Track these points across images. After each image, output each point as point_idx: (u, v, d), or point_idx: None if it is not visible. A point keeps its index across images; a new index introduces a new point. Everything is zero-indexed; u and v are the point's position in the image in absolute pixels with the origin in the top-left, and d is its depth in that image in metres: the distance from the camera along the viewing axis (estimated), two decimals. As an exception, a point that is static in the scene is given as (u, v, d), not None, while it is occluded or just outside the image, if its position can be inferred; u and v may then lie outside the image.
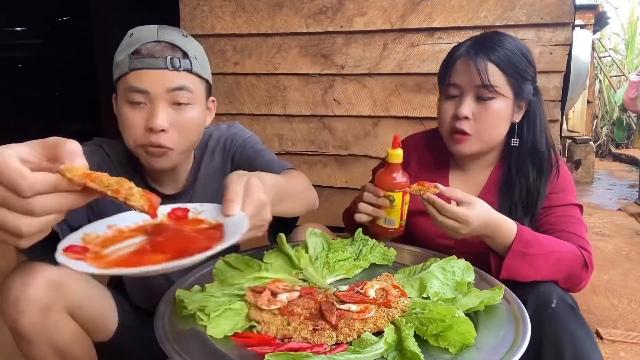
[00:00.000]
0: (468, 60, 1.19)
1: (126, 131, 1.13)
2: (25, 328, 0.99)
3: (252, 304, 0.87)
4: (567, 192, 1.24)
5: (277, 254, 1.13)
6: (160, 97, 1.10)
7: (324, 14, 2.14)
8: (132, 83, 1.10)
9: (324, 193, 2.33)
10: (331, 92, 2.21)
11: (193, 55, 1.16)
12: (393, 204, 1.13)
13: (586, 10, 5.19)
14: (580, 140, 6.11)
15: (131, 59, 1.10)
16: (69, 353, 1.07)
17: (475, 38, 1.24)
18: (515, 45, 1.21)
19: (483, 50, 1.18)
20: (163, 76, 1.10)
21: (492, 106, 1.19)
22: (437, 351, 0.76)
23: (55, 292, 1.02)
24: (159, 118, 1.09)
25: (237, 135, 1.37)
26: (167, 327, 0.82)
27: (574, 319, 1.00)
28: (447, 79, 1.23)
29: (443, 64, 1.29)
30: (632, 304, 2.39)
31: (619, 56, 8.34)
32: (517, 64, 1.19)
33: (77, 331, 1.09)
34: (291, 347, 0.75)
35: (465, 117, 1.19)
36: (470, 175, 1.34)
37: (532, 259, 1.07)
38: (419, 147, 1.40)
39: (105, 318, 1.18)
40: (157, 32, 1.14)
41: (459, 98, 1.22)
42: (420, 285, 0.96)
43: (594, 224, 4.04)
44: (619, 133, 8.17)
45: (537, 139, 1.25)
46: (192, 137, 1.19)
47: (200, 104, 1.18)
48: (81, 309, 1.08)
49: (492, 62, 1.17)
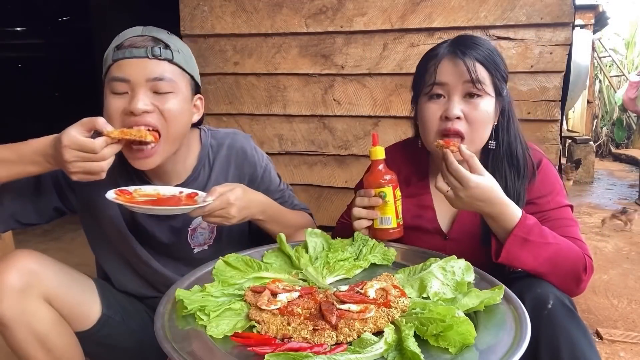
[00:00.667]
0: (455, 59, 1.17)
1: (109, 119, 1.14)
2: (4, 313, 1.05)
3: (252, 304, 0.87)
4: (556, 193, 1.22)
5: (277, 254, 1.13)
6: (140, 85, 1.14)
7: (324, 14, 2.14)
8: (114, 73, 1.15)
9: (324, 193, 2.33)
10: (331, 92, 2.21)
11: (176, 49, 1.19)
12: (385, 199, 1.15)
13: (586, 10, 5.20)
14: (580, 140, 6.11)
15: (115, 51, 1.16)
16: (48, 339, 1.12)
17: (453, 40, 1.22)
18: (492, 46, 1.21)
19: (467, 48, 1.17)
20: (143, 64, 1.14)
21: (480, 104, 1.17)
22: (437, 351, 0.76)
23: (30, 279, 1.09)
24: (139, 101, 1.12)
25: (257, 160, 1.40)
26: (167, 327, 0.82)
27: (571, 320, 0.99)
28: (432, 79, 1.19)
29: (422, 65, 1.25)
30: (632, 304, 2.39)
31: (619, 56, 8.33)
32: (498, 63, 1.19)
33: (55, 318, 1.14)
34: (291, 347, 0.75)
35: (457, 117, 1.17)
36: None
37: (532, 246, 1.06)
38: (396, 160, 1.34)
39: (84, 307, 1.22)
40: (142, 29, 1.19)
41: (444, 98, 1.19)
42: (420, 285, 0.96)
43: (594, 224, 4.04)
44: (619, 133, 8.17)
45: (512, 141, 1.24)
46: (178, 125, 1.19)
47: (182, 95, 1.20)
48: (58, 297, 1.14)
49: (478, 61, 1.16)
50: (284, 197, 1.46)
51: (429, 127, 1.20)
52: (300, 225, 1.37)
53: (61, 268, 1.19)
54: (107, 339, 1.27)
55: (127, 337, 1.31)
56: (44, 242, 3.39)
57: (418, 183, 1.34)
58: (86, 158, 1.03)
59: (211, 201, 1.12)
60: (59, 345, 1.13)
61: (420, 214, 1.30)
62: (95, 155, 1.03)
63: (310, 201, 2.31)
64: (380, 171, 1.17)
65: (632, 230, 3.75)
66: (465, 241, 1.26)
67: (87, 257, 2.80)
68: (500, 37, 1.97)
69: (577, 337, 0.97)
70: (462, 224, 1.27)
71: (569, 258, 1.09)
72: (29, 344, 1.09)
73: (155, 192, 1.21)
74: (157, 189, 1.22)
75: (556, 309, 1.00)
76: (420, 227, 1.28)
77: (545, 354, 0.97)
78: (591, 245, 3.55)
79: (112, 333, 1.27)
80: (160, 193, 1.21)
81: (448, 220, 1.29)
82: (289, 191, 1.51)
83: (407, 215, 1.24)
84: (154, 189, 1.22)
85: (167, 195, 1.21)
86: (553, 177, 1.25)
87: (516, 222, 1.07)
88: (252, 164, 1.39)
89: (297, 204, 1.50)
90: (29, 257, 1.11)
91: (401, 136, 2.13)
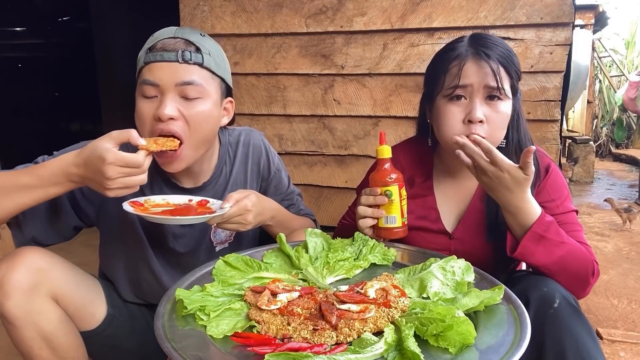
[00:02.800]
0: (480, 60, 1.15)
1: (138, 123, 1.17)
2: (11, 311, 1.04)
3: (252, 304, 0.87)
4: (564, 199, 1.23)
5: (277, 254, 1.13)
6: (169, 89, 1.14)
7: (324, 14, 2.14)
8: (145, 76, 1.15)
9: (324, 193, 2.33)
10: (331, 92, 2.21)
11: (207, 52, 1.18)
12: (391, 198, 1.14)
13: (586, 10, 5.19)
14: (580, 140, 6.11)
15: (147, 53, 1.15)
16: (54, 338, 1.11)
17: (472, 39, 1.20)
18: (508, 45, 1.21)
19: (489, 50, 1.16)
20: (173, 69, 1.14)
21: (501, 108, 1.16)
22: (437, 351, 0.76)
23: (39, 276, 1.07)
24: (166, 107, 1.12)
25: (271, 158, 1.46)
26: (167, 327, 0.82)
27: (577, 319, 0.99)
28: (456, 81, 1.16)
29: (439, 65, 1.23)
30: (632, 304, 2.39)
31: (619, 56, 8.34)
32: (515, 64, 1.19)
33: (62, 317, 1.13)
34: (291, 347, 0.75)
35: (480, 121, 1.15)
36: (461, 181, 1.31)
37: (548, 243, 1.07)
38: (400, 161, 1.33)
39: (91, 306, 1.22)
40: (175, 30, 1.18)
41: (465, 100, 1.17)
42: (420, 285, 0.96)
43: (594, 224, 4.04)
44: (619, 133, 8.17)
45: (521, 138, 1.24)
46: (202, 132, 1.19)
47: (211, 99, 1.19)
48: (66, 296, 1.13)
49: (501, 64, 1.15)
50: (292, 199, 1.49)
51: (449, 130, 1.18)
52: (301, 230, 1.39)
53: (68, 266, 1.18)
54: (111, 339, 1.26)
55: (130, 337, 1.30)
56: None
57: (422, 184, 1.33)
58: (130, 173, 1.00)
59: (229, 208, 1.14)
60: (64, 345, 1.12)
61: (424, 215, 1.30)
62: (138, 170, 1.01)
63: (310, 201, 2.31)
64: (386, 170, 1.17)
65: (632, 230, 3.75)
66: (470, 240, 1.26)
67: (87, 257, 2.80)
68: (500, 37, 1.96)
69: (583, 336, 0.97)
70: (467, 223, 1.27)
71: (580, 260, 1.09)
72: (34, 343, 1.08)
73: (164, 201, 1.20)
74: (166, 198, 1.21)
75: (562, 308, 1.00)
76: (425, 227, 1.29)
77: (550, 352, 0.97)
78: (591, 245, 3.54)
79: (116, 333, 1.27)
80: (170, 202, 1.20)
81: (453, 220, 1.30)
82: (297, 195, 1.53)
83: (411, 216, 1.24)
84: (162, 199, 1.21)
85: (178, 204, 1.19)
86: (561, 182, 1.26)
87: (535, 219, 1.08)
88: (267, 160, 1.44)
89: (303, 209, 1.52)
90: (37, 255, 1.09)
91: (401, 136, 2.13)
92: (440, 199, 1.31)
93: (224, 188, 1.36)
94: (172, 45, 1.14)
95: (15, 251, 1.09)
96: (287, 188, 1.49)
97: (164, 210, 1.15)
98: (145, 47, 1.17)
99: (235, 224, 1.19)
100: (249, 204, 1.18)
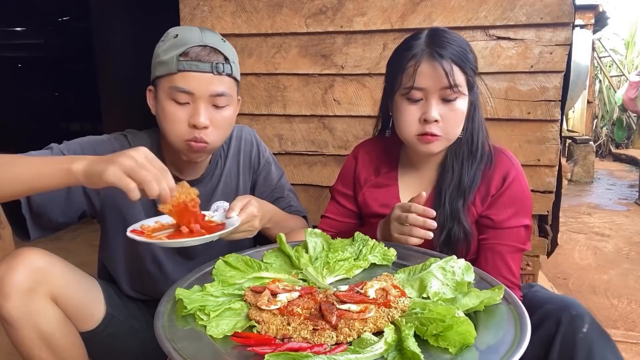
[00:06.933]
0: (434, 63, 1.17)
1: (169, 125, 1.22)
2: (10, 312, 1.04)
3: (252, 304, 0.87)
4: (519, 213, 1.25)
5: (277, 254, 1.13)
6: (203, 99, 1.21)
7: (324, 14, 2.14)
8: (178, 83, 1.19)
9: (324, 193, 2.33)
10: (331, 92, 2.21)
11: (232, 60, 1.26)
12: None
13: (586, 10, 5.19)
14: (580, 140, 6.11)
15: (179, 60, 1.18)
16: (54, 339, 1.11)
17: (428, 36, 1.21)
18: (463, 40, 1.22)
19: (443, 50, 1.17)
20: (208, 80, 1.20)
21: (456, 106, 1.20)
22: (437, 351, 0.76)
23: (38, 277, 1.07)
24: (202, 117, 1.21)
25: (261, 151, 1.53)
26: (167, 327, 0.82)
27: (606, 345, 1.06)
28: (411, 82, 1.19)
29: (397, 62, 1.25)
30: (632, 304, 2.39)
31: (619, 56, 8.34)
32: (470, 60, 1.20)
33: (62, 318, 1.13)
34: (291, 347, 0.75)
35: (436, 120, 1.19)
36: (423, 172, 1.36)
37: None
38: (368, 153, 1.44)
39: (90, 307, 1.22)
40: (201, 35, 1.22)
41: (423, 101, 1.21)
42: (420, 285, 0.96)
43: (594, 224, 4.04)
44: (619, 133, 8.18)
45: (474, 128, 1.27)
46: (225, 134, 1.31)
47: (234, 104, 1.31)
48: (65, 296, 1.13)
49: (454, 63, 1.17)
50: (282, 193, 1.52)
51: (407, 128, 1.24)
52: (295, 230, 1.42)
53: (67, 267, 1.18)
54: (110, 338, 1.27)
55: (130, 337, 1.31)
56: (43, 242, 3.37)
57: (387, 174, 1.40)
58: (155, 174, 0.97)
59: (237, 218, 1.15)
60: (63, 346, 1.13)
61: (386, 203, 1.34)
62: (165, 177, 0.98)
63: (310, 201, 2.31)
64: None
65: (632, 230, 3.75)
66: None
67: (87, 256, 2.80)
68: (500, 37, 1.97)
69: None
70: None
71: None
72: (34, 344, 1.08)
73: (157, 223, 1.15)
74: (159, 219, 1.16)
75: (592, 332, 1.06)
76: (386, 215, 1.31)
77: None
78: (591, 245, 3.55)
79: (116, 332, 1.28)
80: (162, 223, 1.15)
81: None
82: (288, 191, 1.54)
83: (375, 204, 1.34)
84: (154, 221, 1.16)
85: (171, 223, 1.13)
86: (520, 194, 1.26)
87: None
88: (257, 153, 1.51)
89: (293, 205, 1.53)
90: (36, 255, 1.10)
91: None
92: (403, 189, 1.37)
93: (219, 180, 1.42)
94: (206, 57, 1.20)
95: (14, 252, 1.09)
96: (276, 182, 1.53)
97: (171, 234, 1.10)
98: (174, 53, 1.18)
99: (243, 232, 1.21)
100: (254, 210, 1.20)
